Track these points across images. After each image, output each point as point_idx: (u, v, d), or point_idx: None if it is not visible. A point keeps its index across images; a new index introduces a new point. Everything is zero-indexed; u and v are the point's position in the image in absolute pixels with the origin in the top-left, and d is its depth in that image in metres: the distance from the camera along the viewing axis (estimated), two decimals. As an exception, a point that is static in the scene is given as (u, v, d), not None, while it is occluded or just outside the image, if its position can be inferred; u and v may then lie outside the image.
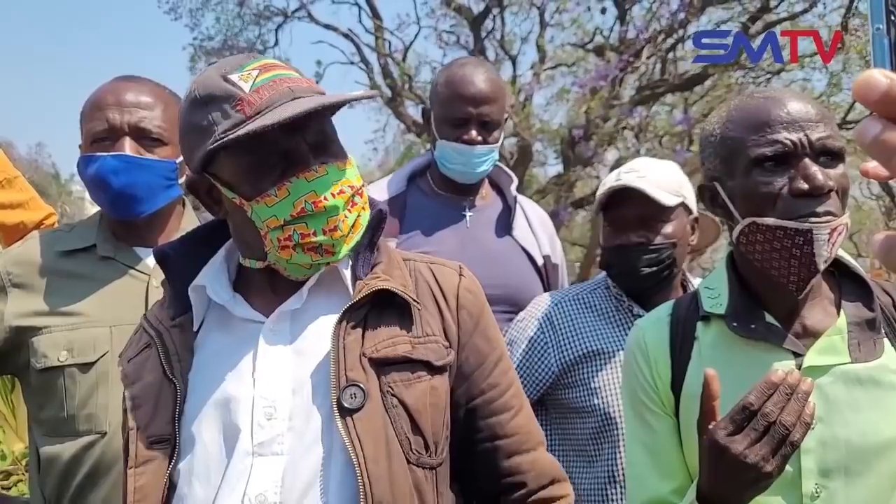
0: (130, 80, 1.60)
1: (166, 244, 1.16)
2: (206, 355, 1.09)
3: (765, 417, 1.00)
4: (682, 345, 1.28)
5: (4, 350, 1.52)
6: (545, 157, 12.13)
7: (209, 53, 12.09)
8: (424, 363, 1.07)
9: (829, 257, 1.14)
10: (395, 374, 1.04)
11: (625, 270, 1.76)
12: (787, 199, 1.13)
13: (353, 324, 1.05)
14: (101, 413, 1.47)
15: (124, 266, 1.58)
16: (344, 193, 1.05)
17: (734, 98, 1.26)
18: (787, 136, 1.13)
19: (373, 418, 1.00)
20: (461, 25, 10.44)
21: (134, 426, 1.04)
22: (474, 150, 1.99)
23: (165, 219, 1.65)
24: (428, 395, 1.06)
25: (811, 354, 1.17)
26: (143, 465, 1.02)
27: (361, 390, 1.01)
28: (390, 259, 1.15)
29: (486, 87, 2.00)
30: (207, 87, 1.05)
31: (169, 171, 1.57)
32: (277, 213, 1.03)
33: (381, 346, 1.05)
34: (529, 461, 1.16)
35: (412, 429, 1.04)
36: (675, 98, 10.29)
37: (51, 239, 1.61)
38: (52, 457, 1.48)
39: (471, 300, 1.16)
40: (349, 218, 1.06)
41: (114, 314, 1.52)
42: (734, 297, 1.24)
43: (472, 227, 2.08)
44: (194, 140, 1.06)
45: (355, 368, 1.02)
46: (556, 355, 1.79)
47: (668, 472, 1.24)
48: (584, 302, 1.86)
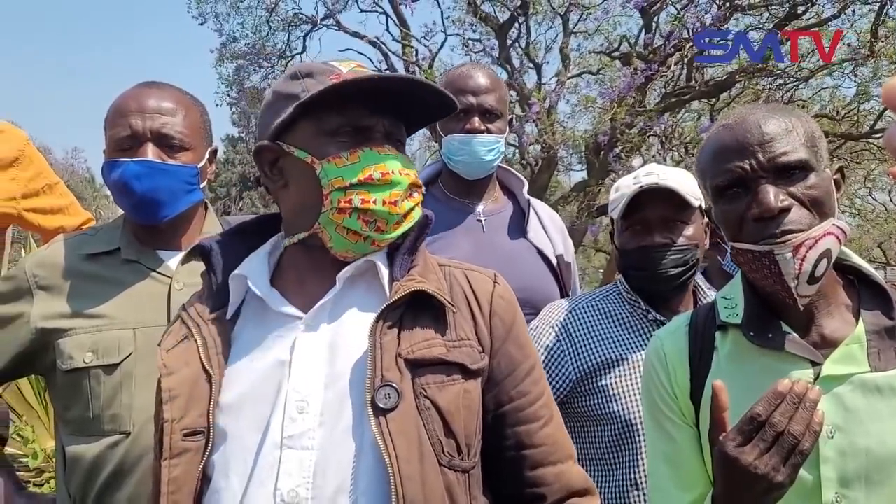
0: (153, 87, 1.63)
1: (208, 238, 1.19)
2: (242, 348, 1.11)
3: (773, 427, 1.00)
4: (700, 355, 1.28)
5: (31, 351, 1.56)
6: (570, 163, 12.10)
7: (236, 56, 12.26)
8: (459, 366, 1.08)
9: (803, 272, 1.13)
10: (429, 375, 1.05)
11: (649, 272, 1.75)
12: (750, 223, 1.15)
13: (389, 323, 1.06)
14: (126, 413, 1.50)
15: (147, 269, 1.60)
16: (409, 176, 1.11)
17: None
18: (737, 164, 1.16)
19: (406, 419, 1.01)
20: (487, 34, 10.46)
21: (169, 418, 1.05)
22: (478, 139, 2.05)
23: (188, 222, 1.67)
24: (461, 398, 1.07)
25: (829, 364, 1.16)
26: (177, 457, 1.03)
27: (396, 390, 1.02)
28: (426, 263, 1.16)
29: (484, 78, 2.10)
30: (308, 65, 1.15)
31: (190, 175, 1.59)
32: (345, 175, 1.08)
33: (417, 348, 1.06)
34: (554, 473, 1.16)
35: (444, 431, 1.04)
36: (702, 105, 10.20)
37: (76, 242, 1.64)
38: (78, 456, 1.51)
39: (504, 307, 1.17)
40: (407, 203, 1.11)
41: (137, 316, 1.55)
42: (750, 307, 1.24)
43: (488, 231, 2.12)
44: (280, 106, 1.12)
45: (391, 368, 1.03)
46: (573, 364, 1.78)
47: (689, 481, 1.24)
48: (599, 308, 1.85)
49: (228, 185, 31.49)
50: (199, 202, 1.66)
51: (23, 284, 1.57)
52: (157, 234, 1.63)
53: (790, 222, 1.13)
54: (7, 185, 2.11)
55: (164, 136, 1.56)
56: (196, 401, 1.06)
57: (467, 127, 2.05)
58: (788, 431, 1.00)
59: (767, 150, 1.15)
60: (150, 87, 1.62)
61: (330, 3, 11.03)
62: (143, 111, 1.56)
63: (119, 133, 1.56)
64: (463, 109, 2.05)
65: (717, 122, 1.26)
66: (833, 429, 1.14)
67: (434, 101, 1.15)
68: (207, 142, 1.68)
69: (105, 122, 1.61)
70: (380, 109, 1.11)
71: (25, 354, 1.56)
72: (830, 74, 8.91)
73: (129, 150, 1.55)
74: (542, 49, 10.66)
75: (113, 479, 1.49)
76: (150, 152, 1.54)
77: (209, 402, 1.05)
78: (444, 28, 10.83)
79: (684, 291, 1.81)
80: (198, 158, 1.61)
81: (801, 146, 1.15)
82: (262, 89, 13.60)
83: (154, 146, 1.55)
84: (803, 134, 1.17)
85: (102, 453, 1.49)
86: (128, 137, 1.55)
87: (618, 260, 1.86)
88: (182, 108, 1.61)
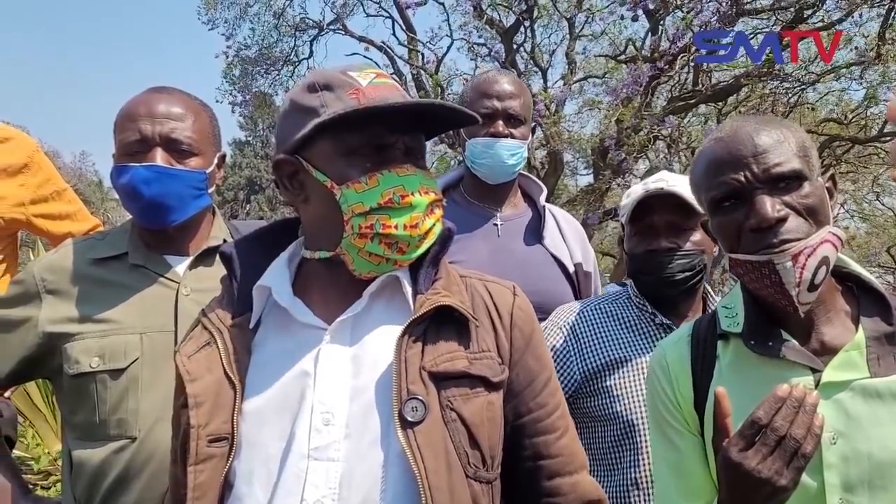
0: (162, 92, 1.63)
1: (230, 244, 1.20)
2: (265, 356, 1.11)
3: (775, 432, 1.01)
4: (703, 363, 1.29)
5: (38, 355, 1.56)
6: (576, 167, 12.11)
7: (245, 62, 12.32)
8: (482, 379, 1.09)
9: (803, 280, 1.14)
10: (454, 388, 1.06)
11: (655, 276, 1.78)
12: (748, 233, 1.17)
13: (414, 337, 1.07)
14: (132, 418, 1.50)
15: (155, 274, 1.61)
16: (429, 195, 1.11)
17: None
18: (732, 176, 1.17)
19: (433, 431, 1.02)
20: (493, 38, 10.48)
21: (195, 423, 1.05)
22: (501, 143, 2.07)
23: (195, 227, 1.68)
24: (485, 410, 1.08)
25: (829, 370, 1.17)
26: (202, 463, 1.04)
27: (423, 404, 1.03)
28: (449, 275, 1.17)
29: (509, 84, 2.12)
30: (326, 76, 1.12)
31: (198, 181, 1.60)
32: (364, 200, 1.07)
33: (441, 361, 1.07)
34: (570, 484, 1.17)
35: (470, 443, 1.06)
36: (708, 109, 10.19)
37: (84, 247, 1.65)
38: (84, 460, 1.52)
39: (523, 318, 1.18)
40: (427, 222, 1.10)
41: (144, 321, 1.55)
42: (750, 316, 1.25)
43: (503, 236, 2.13)
44: (298, 120, 1.10)
45: (416, 382, 1.04)
46: (578, 364, 1.80)
47: (694, 490, 1.25)
48: (606, 311, 1.87)
49: (236, 188, 31.62)
50: (208, 207, 1.67)
51: (31, 288, 1.58)
52: (164, 238, 1.64)
53: (788, 231, 1.14)
54: (16, 191, 2.14)
55: (172, 141, 1.56)
56: (220, 407, 1.06)
57: (491, 131, 2.07)
58: (790, 435, 1.00)
59: (761, 161, 1.16)
60: (159, 92, 1.63)
61: (337, 7, 11.08)
62: (152, 116, 1.56)
63: (128, 137, 1.56)
64: (487, 114, 2.07)
65: (709, 136, 1.27)
66: (835, 435, 1.14)
67: (456, 115, 1.16)
68: (216, 147, 1.69)
69: (114, 126, 1.61)
70: (399, 128, 1.11)
71: (33, 358, 1.57)
72: (838, 78, 8.89)
73: (138, 155, 1.56)
74: (548, 53, 10.68)
75: (118, 484, 1.49)
76: (158, 157, 1.55)
77: (233, 409, 1.06)
78: (449, 33, 10.86)
79: (693, 296, 1.83)
80: (206, 164, 1.62)
81: (794, 156, 1.17)
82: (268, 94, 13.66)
83: (163, 151, 1.56)
84: (795, 144, 1.18)
85: (108, 458, 1.50)
86: (137, 142, 1.56)
87: (627, 264, 1.89)
88: (191, 113, 1.62)
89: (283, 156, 1.13)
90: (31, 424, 4.67)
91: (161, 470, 1.47)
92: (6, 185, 2.13)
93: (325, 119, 1.06)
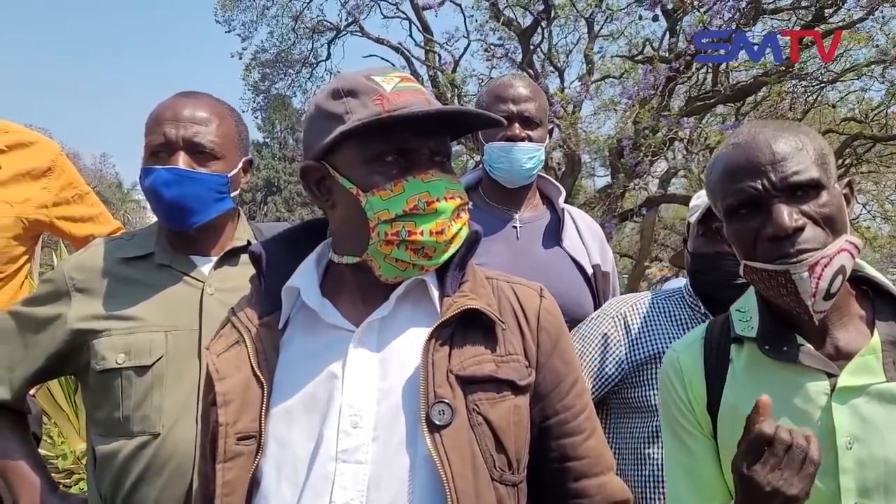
0: (189, 96, 1.67)
1: (259, 244, 1.21)
2: (292, 356, 1.12)
3: (781, 443, 1.02)
4: (716, 367, 1.29)
5: (67, 351, 1.61)
6: (593, 168, 12.06)
7: (263, 65, 12.41)
8: (509, 382, 1.09)
9: (819, 290, 1.14)
10: (480, 392, 1.07)
11: (713, 277, 1.80)
12: (764, 242, 1.16)
13: (441, 340, 1.07)
14: (155, 415, 1.54)
15: (180, 273, 1.65)
16: (454, 200, 1.11)
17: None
18: (749, 184, 1.16)
19: (459, 435, 1.03)
20: (510, 39, 10.47)
21: (224, 421, 1.06)
22: (519, 147, 2.08)
23: (220, 229, 1.71)
24: (511, 414, 1.08)
25: (845, 375, 1.17)
26: (231, 461, 1.05)
27: (449, 407, 1.03)
28: (476, 278, 1.17)
29: (524, 88, 2.13)
30: (350, 81, 1.13)
31: (220, 184, 1.63)
32: (390, 207, 1.07)
33: (468, 364, 1.07)
34: (596, 485, 1.17)
35: (496, 446, 1.06)
36: (727, 109, 10.11)
37: (112, 246, 1.69)
38: (108, 455, 1.55)
39: (550, 321, 1.18)
40: (454, 227, 1.10)
41: (169, 320, 1.59)
42: (764, 321, 1.25)
43: (523, 239, 2.14)
44: (324, 126, 1.11)
45: (443, 385, 1.04)
46: (627, 353, 1.83)
47: (707, 492, 1.25)
48: (659, 306, 1.90)
49: (253, 190, 31.83)
50: (230, 210, 1.69)
51: (61, 287, 1.63)
52: (189, 239, 1.67)
53: (805, 241, 1.13)
54: (39, 194, 2.18)
55: (195, 145, 1.59)
56: (248, 406, 1.07)
57: (508, 134, 2.08)
58: (796, 444, 1.01)
59: (779, 169, 1.15)
60: (186, 96, 1.67)
61: (350, 6, 11.12)
62: (177, 120, 1.60)
63: (154, 140, 1.61)
64: (503, 118, 2.08)
65: (726, 141, 1.26)
66: (851, 440, 1.14)
67: (481, 118, 1.16)
68: (242, 151, 1.71)
69: (145, 128, 1.66)
70: (424, 133, 1.11)
71: (62, 355, 1.61)
72: (859, 77, 8.78)
73: (162, 158, 1.59)
74: (564, 54, 10.64)
75: (142, 480, 1.52)
76: (181, 160, 1.58)
77: (261, 408, 1.07)
78: (466, 33, 10.87)
79: None
80: (229, 167, 1.65)
81: (812, 164, 1.16)
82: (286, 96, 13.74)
83: (185, 154, 1.59)
84: (813, 152, 1.17)
85: (132, 453, 1.53)
86: (161, 145, 1.60)
87: (688, 263, 1.91)
88: (216, 117, 1.65)
89: (310, 162, 1.14)
90: (55, 423, 4.73)
91: (183, 466, 1.51)
92: (30, 187, 2.17)
93: (349, 128, 1.06)
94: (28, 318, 1.64)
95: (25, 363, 1.62)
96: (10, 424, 1.66)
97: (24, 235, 2.17)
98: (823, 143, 1.22)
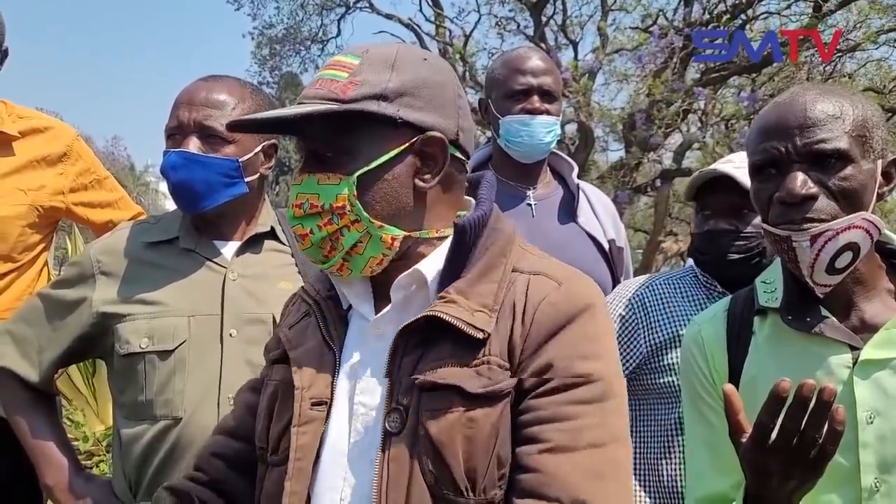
0: (209, 80, 1.66)
1: None
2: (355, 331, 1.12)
3: (787, 431, 1.00)
4: (738, 339, 1.28)
5: (93, 334, 1.63)
6: (606, 142, 11.97)
7: (273, 42, 12.34)
8: (458, 390, 0.97)
9: (819, 262, 1.12)
10: (429, 402, 0.98)
11: (713, 256, 1.78)
12: (776, 205, 1.15)
13: (413, 344, 1.02)
14: (177, 399, 1.55)
15: (203, 258, 1.65)
16: (300, 207, 1.05)
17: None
18: (774, 145, 1.15)
19: (403, 445, 0.98)
20: (521, 11, 10.36)
21: (299, 385, 1.06)
22: (538, 120, 2.05)
23: (239, 214, 1.71)
24: (460, 428, 0.96)
25: (868, 348, 1.15)
26: (305, 425, 1.05)
27: (401, 415, 0.99)
28: (487, 271, 1.05)
29: (542, 60, 2.10)
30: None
31: (230, 169, 1.61)
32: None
33: (428, 371, 1.00)
34: None
35: (433, 461, 0.96)
36: (743, 80, 9.97)
37: (138, 230, 1.71)
38: (132, 438, 1.57)
39: (550, 314, 1.01)
40: (313, 235, 1.05)
41: (192, 304, 1.60)
42: (789, 291, 1.23)
43: (538, 216, 2.11)
44: None
45: (407, 394, 1.00)
46: (645, 336, 1.80)
47: (727, 467, 1.23)
48: (675, 286, 1.87)
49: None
50: (249, 194, 1.68)
51: (87, 270, 1.65)
52: (210, 224, 1.68)
53: (813, 211, 1.12)
54: (55, 180, 2.17)
55: (206, 129, 1.59)
56: (322, 372, 1.08)
57: (527, 107, 2.05)
58: (807, 434, 0.98)
59: (806, 135, 1.13)
60: (207, 80, 1.66)
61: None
62: (191, 103, 1.60)
63: (169, 123, 1.62)
64: (522, 90, 2.06)
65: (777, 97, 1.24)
66: (872, 414, 1.13)
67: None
68: (263, 135, 1.69)
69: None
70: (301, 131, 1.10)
71: (87, 337, 1.63)
72: (878, 47, 8.62)
73: (176, 141, 1.60)
74: (578, 26, 10.51)
75: (165, 463, 1.54)
76: (191, 144, 1.58)
77: (333, 375, 1.07)
78: (477, 7, 10.76)
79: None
80: (243, 151, 1.64)
81: (844, 135, 1.13)
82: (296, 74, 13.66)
83: (196, 138, 1.59)
84: (852, 121, 1.14)
85: (155, 437, 1.55)
86: (175, 128, 1.60)
87: (691, 242, 1.89)
88: (234, 101, 1.63)
89: None
90: (76, 407, 4.81)
91: None
92: (45, 174, 2.16)
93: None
94: (56, 301, 1.66)
95: (53, 345, 1.65)
96: (39, 406, 1.69)
97: (39, 223, 2.16)
98: (873, 114, 1.17)
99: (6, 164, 2.10)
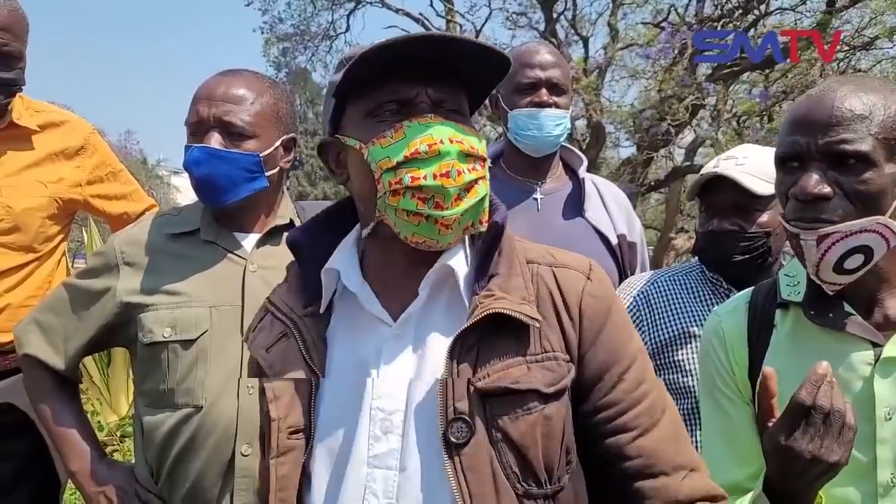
0: (228, 74, 1.68)
1: (297, 228, 1.18)
2: (337, 349, 1.09)
3: (820, 410, 1.00)
4: (759, 332, 1.28)
5: (117, 324, 1.66)
6: (617, 139, 11.93)
7: (282, 38, 12.35)
8: (536, 392, 1.00)
9: (824, 262, 1.12)
10: (502, 406, 0.99)
11: (716, 256, 1.77)
12: (791, 200, 1.15)
13: (467, 346, 1.00)
14: (199, 388, 1.58)
15: (224, 250, 1.68)
16: (461, 144, 1.01)
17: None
18: (797, 139, 1.14)
19: (478, 453, 0.97)
20: (532, 7, 10.33)
21: (275, 416, 1.04)
22: (546, 113, 2.06)
23: (260, 207, 1.73)
24: (539, 427, 1.00)
25: (890, 345, 1.15)
26: (283, 455, 1.03)
27: (467, 424, 0.98)
28: (511, 266, 1.08)
29: (550, 54, 2.12)
30: (353, 50, 1.09)
31: (251, 163, 1.63)
32: (391, 154, 1.00)
33: (493, 373, 1.00)
34: (653, 487, 1.04)
35: (518, 463, 0.99)
36: (755, 76, 9.91)
37: (161, 222, 1.73)
38: (154, 426, 1.60)
39: (594, 306, 1.06)
40: (466, 174, 1.00)
41: (213, 295, 1.62)
42: (811, 286, 1.22)
43: (543, 211, 2.12)
44: (328, 99, 1.09)
45: (463, 399, 0.98)
46: (650, 334, 1.80)
47: (744, 458, 1.24)
48: (681, 283, 1.86)
49: (276, 164, 31.83)
50: (268, 188, 1.70)
51: (111, 260, 1.68)
52: (230, 216, 1.70)
53: (824, 211, 1.11)
54: (73, 173, 2.21)
55: (226, 124, 1.61)
56: (298, 399, 1.05)
57: (535, 100, 2.06)
58: (834, 409, 0.99)
59: (829, 133, 1.11)
60: (226, 74, 1.68)
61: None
62: (210, 99, 1.62)
63: (190, 119, 1.64)
64: (530, 84, 2.07)
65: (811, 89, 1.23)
66: (891, 411, 1.13)
67: (480, 56, 1.03)
68: (282, 129, 1.71)
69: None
70: (422, 78, 1.03)
71: (111, 326, 1.66)
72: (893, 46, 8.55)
73: (197, 136, 1.62)
74: (589, 22, 10.49)
75: (186, 451, 1.57)
76: (212, 139, 1.60)
77: (311, 401, 1.05)
78: (488, 2, 10.74)
79: (767, 272, 1.75)
80: (264, 146, 1.65)
81: (869, 136, 1.10)
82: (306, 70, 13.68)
83: (217, 133, 1.60)
84: (880, 123, 1.11)
85: (176, 425, 1.57)
86: (195, 124, 1.62)
87: (695, 240, 1.88)
88: (253, 95, 1.65)
89: (324, 138, 1.12)
90: (90, 397, 4.85)
91: (224, 440, 1.55)
92: (63, 167, 2.20)
93: (339, 85, 1.03)
94: (81, 291, 1.69)
95: (79, 334, 1.68)
96: (63, 393, 1.73)
97: (58, 215, 2.20)
98: None
99: (26, 158, 2.14)
